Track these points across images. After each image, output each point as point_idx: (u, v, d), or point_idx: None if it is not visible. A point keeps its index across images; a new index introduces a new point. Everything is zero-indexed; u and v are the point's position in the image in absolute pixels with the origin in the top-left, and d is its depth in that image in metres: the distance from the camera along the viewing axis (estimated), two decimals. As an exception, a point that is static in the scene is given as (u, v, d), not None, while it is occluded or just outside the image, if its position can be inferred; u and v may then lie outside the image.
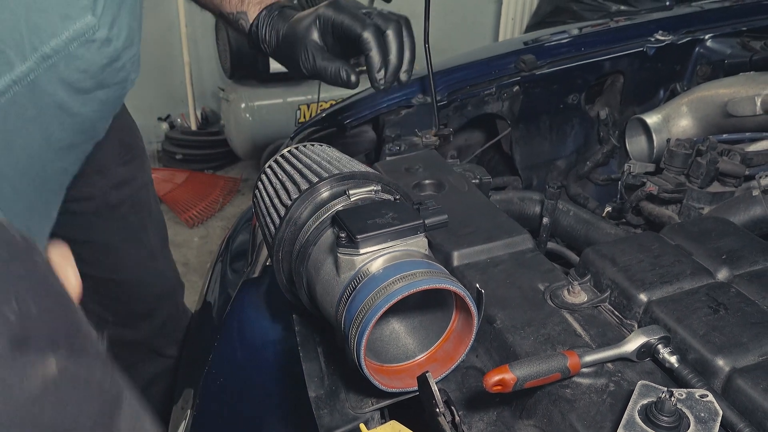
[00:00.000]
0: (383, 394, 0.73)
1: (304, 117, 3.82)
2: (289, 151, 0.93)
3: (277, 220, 0.79)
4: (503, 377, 0.62)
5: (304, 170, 0.83)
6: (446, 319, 0.72)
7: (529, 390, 0.65)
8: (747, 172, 1.15)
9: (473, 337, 0.69)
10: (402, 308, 0.75)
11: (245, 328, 1.00)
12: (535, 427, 0.67)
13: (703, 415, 0.57)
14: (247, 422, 0.85)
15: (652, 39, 1.73)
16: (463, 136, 1.66)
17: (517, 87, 1.60)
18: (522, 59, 1.62)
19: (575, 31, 1.85)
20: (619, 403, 0.64)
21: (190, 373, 1.08)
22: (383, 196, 0.78)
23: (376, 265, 0.66)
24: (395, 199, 0.78)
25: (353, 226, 0.67)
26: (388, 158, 1.27)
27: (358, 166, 0.84)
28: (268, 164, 0.93)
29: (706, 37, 1.76)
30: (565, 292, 0.80)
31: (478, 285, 0.69)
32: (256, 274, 1.13)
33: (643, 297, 0.77)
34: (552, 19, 3.75)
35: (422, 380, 0.63)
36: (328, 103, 3.58)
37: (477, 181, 1.19)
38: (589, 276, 0.84)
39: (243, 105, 3.77)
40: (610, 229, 1.16)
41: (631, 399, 0.60)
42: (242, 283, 1.12)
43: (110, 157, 1.36)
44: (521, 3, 4.27)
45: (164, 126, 4.41)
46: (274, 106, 3.80)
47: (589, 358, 0.66)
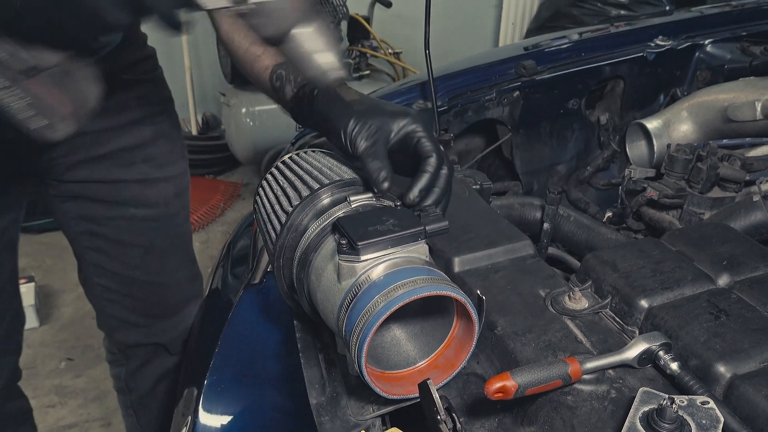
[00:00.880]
0: (384, 401, 0.73)
1: (305, 122, 3.82)
2: (290, 158, 0.93)
3: (278, 226, 0.80)
4: (504, 384, 0.62)
5: (305, 176, 0.84)
6: (447, 326, 0.72)
7: (530, 397, 0.65)
8: (747, 178, 1.15)
9: (474, 343, 0.69)
10: (403, 315, 0.75)
11: (246, 334, 1.00)
12: (536, 434, 0.67)
13: (704, 422, 0.57)
14: (248, 429, 0.85)
15: (652, 44, 1.73)
16: (464, 141, 1.67)
17: (517, 92, 1.60)
18: (522, 64, 1.62)
19: (575, 36, 1.85)
20: (620, 410, 0.64)
21: (191, 377, 1.08)
22: (384, 203, 0.78)
23: (377, 272, 0.66)
24: (396, 205, 0.78)
25: (354, 233, 0.67)
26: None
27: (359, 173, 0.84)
28: (269, 171, 0.94)
29: (706, 42, 1.76)
30: (566, 299, 0.80)
31: (479, 291, 0.68)
32: (256, 280, 1.13)
33: (644, 303, 0.77)
34: (552, 24, 3.76)
35: (423, 387, 0.63)
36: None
37: (478, 186, 1.19)
38: (590, 282, 0.84)
39: (244, 110, 3.78)
40: (611, 235, 1.16)
41: (633, 406, 0.60)
42: (243, 288, 1.12)
43: (176, 163, 1.41)
44: (521, 8, 4.28)
45: (165, 131, 4.41)
46: (275, 111, 3.77)
47: (591, 364, 0.66)
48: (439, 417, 0.62)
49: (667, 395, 0.58)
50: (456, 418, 0.63)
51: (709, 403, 0.59)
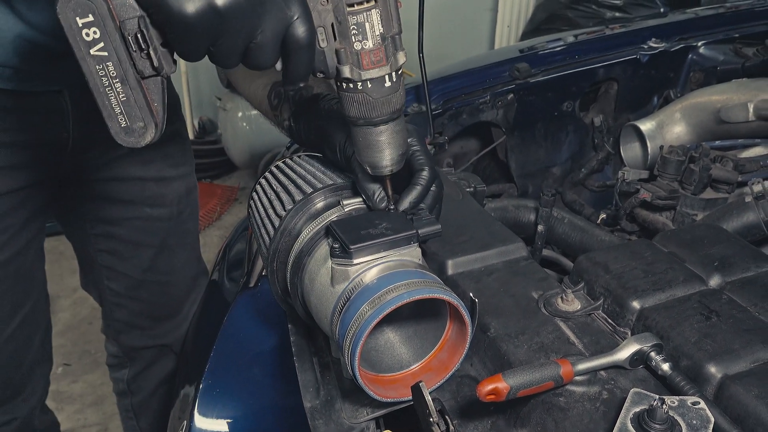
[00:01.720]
0: (378, 404, 0.73)
1: (301, 125, 3.82)
2: (283, 162, 0.94)
3: (271, 230, 0.80)
4: (496, 386, 0.62)
5: (299, 181, 0.84)
6: (441, 329, 0.72)
7: (523, 398, 0.66)
8: (740, 179, 1.16)
9: (467, 346, 0.69)
10: (396, 318, 0.75)
11: (241, 338, 1.00)
12: (529, 435, 0.67)
13: (695, 422, 0.58)
14: (243, 433, 0.85)
15: (646, 46, 1.74)
16: (458, 144, 1.67)
17: (511, 95, 1.61)
18: (516, 67, 1.63)
19: (570, 39, 1.86)
20: (612, 410, 0.64)
21: (186, 381, 1.08)
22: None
23: (370, 276, 0.66)
24: (389, 209, 0.78)
25: (347, 237, 0.67)
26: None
27: (353, 176, 0.84)
28: (263, 175, 0.94)
29: (699, 44, 1.77)
30: (559, 300, 0.80)
31: (471, 294, 0.69)
32: (252, 284, 1.13)
33: (636, 304, 0.77)
34: (547, 27, 3.77)
35: (416, 389, 0.64)
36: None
37: (471, 189, 1.19)
38: (582, 284, 0.84)
39: (240, 114, 3.78)
40: (605, 236, 1.17)
41: (624, 407, 0.60)
42: (238, 292, 1.12)
43: (187, 162, 1.44)
44: (516, 10, 4.28)
45: (161, 135, 4.41)
46: (271, 114, 3.80)
47: (582, 366, 0.67)
48: (432, 419, 0.62)
49: (658, 396, 0.58)
50: (449, 420, 0.63)
51: (699, 403, 0.60)
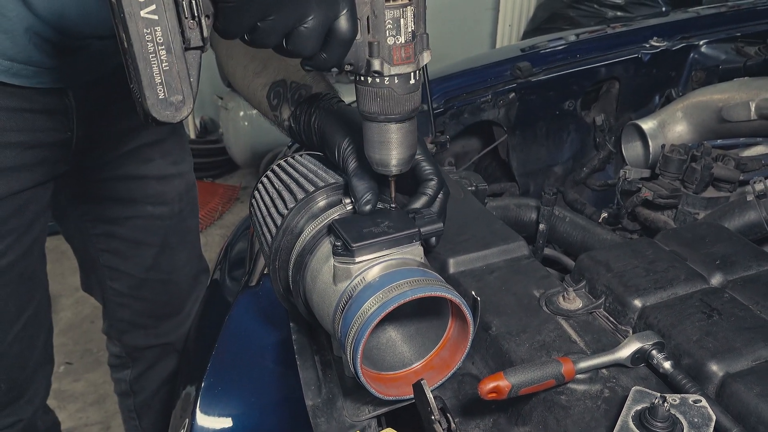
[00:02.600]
0: (380, 402, 0.74)
1: (303, 125, 3.82)
2: (285, 161, 0.94)
3: (273, 229, 0.80)
4: (498, 384, 0.62)
5: (301, 179, 0.84)
6: (443, 327, 0.72)
7: (524, 397, 0.66)
8: (741, 177, 1.16)
9: (469, 344, 0.69)
10: (398, 316, 0.76)
11: (243, 337, 1.01)
12: (530, 433, 0.67)
13: (696, 420, 0.58)
14: (245, 431, 0.86)
15: (647, 45, 1.74)
16: (460, 143, 1.67)
17: (513, 94, 1.61)
18: (518, 66, 1.63)
19: (572, 38, 1.86)
20: (613, 409, 0.64)
21: (188, 380, 1.08)
22: (380, 205, 0.78)
23: (372, 274, 0.67)
24: (390, 207, 0.78)
25: (349, 235, 0.68)
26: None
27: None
28: (264, 174, 0.94)
29: (701, 42, 1.77)
30: (561, 299, 0.80)
31: (474, 293, 0.69)
32: (253, 283, 1.13)
33: (637, 303, 0.77)
34: (549, 26, 3.77)
35: (418, 387, 0.64)
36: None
37: (473, 188, 1.19)
38: (584, 282, 0.84)
39: (241, 113, 3.78)
40: (606, 235, 1.17)
41: (625, 405, 0.60)
42: (240, 291, 1.12)
43: (186, 160, 1.44)
44: (518, 10, 4.28)
45: (163, 134, 4.41)
46: (273, 114, 3.80)
47: (584, 364, 0.67)
48: (433, 417, 0.62)
49: (660, 394, 0.59)
50: (450, 418, 0.63)
51: (701, 401, 0.60)
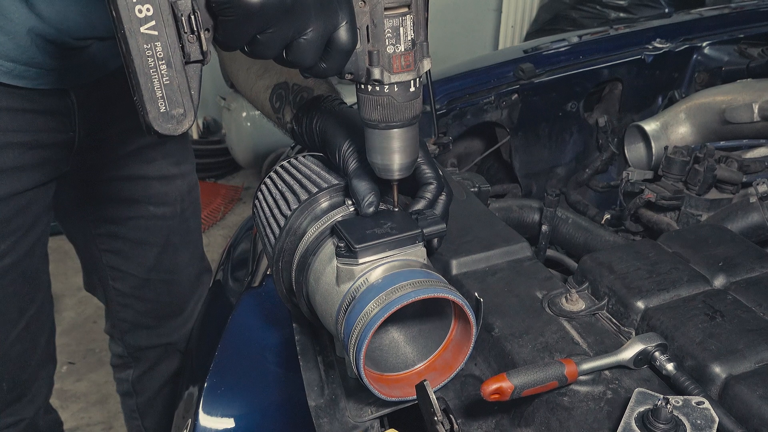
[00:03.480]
0: (383, 403, 0.74)
1: (306, 125, 3.83)
2: (289, 162, 0.94)
3: (277, 230, 0.80)
4: (501, 386, 0.62)
5: (304, 180, 0.84)
6: (445, 328, 0.72)
7: (527, 398, 0.66)
8: (744, 179, 1.16)
9: (472, 346, 0.69)
10: (401, 317, 0.76)
11: (246, 337, 1.01)
12: (533, 434, 0.67)
13: (699, 422, 0.58)
14: (248, 431, 0.86)
15: (650, 47, 1.74)
16: (463, 144, 1.67)
17: (515, 95, 1.61)
18: (520, 68, 1.63)
19: (574, 39, 1.86)
20: (616, 410, 0.64)
21: (191, 380, 1.08)
22: (382, 206, 0.79)
23: (375, 275, 0.67)
24: (393, 208, 0.78)
25: (352, 236, 0.68)
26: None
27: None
28: (268, 174, 0.94)
29: (704, 44, 1.77)
30: (563, 300, 0.80)
31: (476, 294, 0.69)
32: (256, 284, 1.14)
33: (640, 304, 0.77)
34: (551, 27, 3.76)
35: (420, 388, 0.64)
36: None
37: (476, 189, 1.19)
38: (587, 284, 0.84)
39: (244, 114, 3.79)
40: (609, 237, 1.17)
41: (628, 406, 0.60)
42: (243, 292, 1.12)
43: (189, 160, 1.44)
44: (521, 11, 4.28)
45: (166, 135, 4.42)
46: (275, 114, 3.81)
47: (587, 365, 0.67)
48: (436, 418, 0.62)
49: (662, 396, 0.59)
50: (453, 419, 0.63)
51: (704, 403, 0.60)
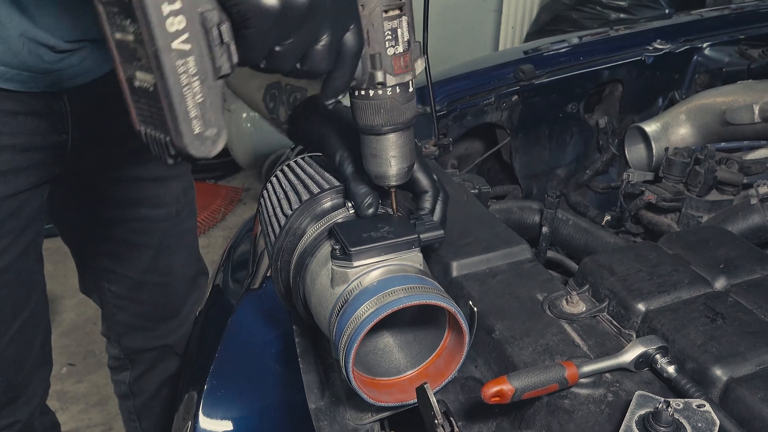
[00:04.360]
0: (383, 406, 0.73)
1: (306, 126, 3.83)
2: (295, 162, 0.94)
3: (277, 229, 0.80)
4: (501, 388, 0.62)
5: (307, 181, 0.84)
6: (439, 336, 0.72)
7: (527, 401, 0.65)
8: (745, 181, 1.16)
9: (464, 355, 0.69)
10: (396, 322, 0.75)
11: (246, 339, 1.01)
12: (533, 437, 0.67)
13: (700, 425, 0.58)
14: (247, 434, 0.86)
15: (651, 48, 1.74)
16: (463, 145, 1.67)
17: (516, 96, 1.61)
18: (521, 69, 1.63)
19: (575, 40, 1.86)
20: (617, 413, 0.64)
21: (191, 382, 1.08)
22: (381, 210, 0.78)
23: (369, 279, 0.66)
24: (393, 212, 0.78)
25: (348, 239, 0.67)
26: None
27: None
28: (273, 174, 0.94)
29: (704, 45, 1.77)
30: (564, 302, 0.80)
31: (471, 303, 0.68)
32: (256, 285, 1.13)
33: (641, 307, 0.77)
34: (552, 28, 3.76)
35: (421, 391, 0.64)
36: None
37: (476, 191, 1.19)
38: (587, 286, 0.84)
39: (244, 115, 3.78)
40: (609, 238, 1.17)
41: (629, 409, 0.60)
42: (243, 294, 1.12)
43: (183, 163, 1.41)
44: (521, 12, 4.28)
45: (166, 136, 4.42)
46: (276, 115, 3.81)
47: (587, 368, 0.66)
48: (436, 421, 0.62)
49: (663, 399, 0.58)
50: (454, 422, 0.63)
51: (705, 406, 0.59)
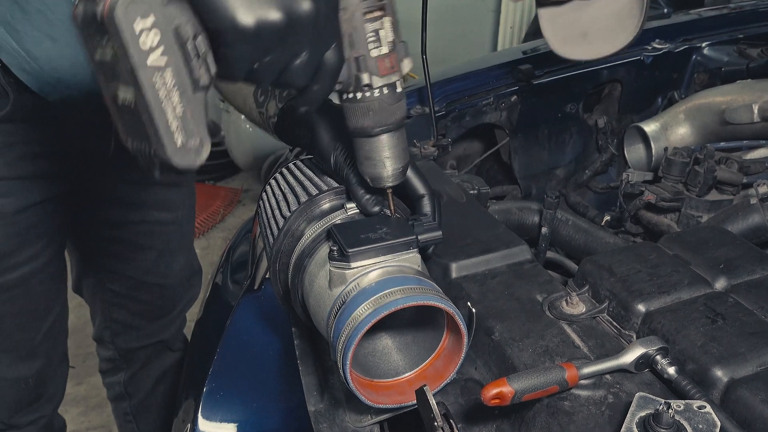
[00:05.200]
0: (383, 408, 0.73)
1: (305, 127, 3.82)
2: (294, 164, 0.93)
3: (276, 231, 0.80)
4: (501, 390, 0.62)
5: (306, 182, 0.84)
6: (438, 337, 0.71)
7: (527, 402, 0.65)
8: (745, 180, 1.15)
9: (463, 357, 0.68)
10: (395, 324, 0.75)
11: (245, 341, 1.00)
12: (533, 439, 0.67)
13: (701, 426, 0.57)
14: (247, 437, 0.85)
15: (649, 47, 1.74)
16: (462, 146, 1.67)
17: (515, 97, 1.60)
18: (519, 69, 1.62)
19: (573, 40, 1.85)
20: (617, 415, 0.63)
21: (190, 384, 1.08)
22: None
23: (367, 280, 0.66)
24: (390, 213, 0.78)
25: (346, 240, 0.67)
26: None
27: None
28: (273, 176, 0.94)
29: (703, 45, 1.77)
30: (564, 303, 0.80)
31: (470, 304, 0.68)
32: (255, 287, 1.13)
33: (641, 307, 0.77)
34: (550, 28, 3.75)
35: (420, 393, 0.63)
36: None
37: (475, 191, 1.19)
38: (587, 287, 0.84)
39: (243, 116, 3.78)
40: (609, 239, 1.16)
41: (629, 411, 0.60)
42: (242, 295, 1.12)
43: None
44: (520, 12, 4.28)
45: (165, 137, 4.42)
46: (275, 117, 3.81)
47: (588, 369, 0.66)
48: (436, 423, 0.61)
49: (664, 400, 0.58)
50: (453, 424, 0.63)
51: (705, 407, 0.59)
